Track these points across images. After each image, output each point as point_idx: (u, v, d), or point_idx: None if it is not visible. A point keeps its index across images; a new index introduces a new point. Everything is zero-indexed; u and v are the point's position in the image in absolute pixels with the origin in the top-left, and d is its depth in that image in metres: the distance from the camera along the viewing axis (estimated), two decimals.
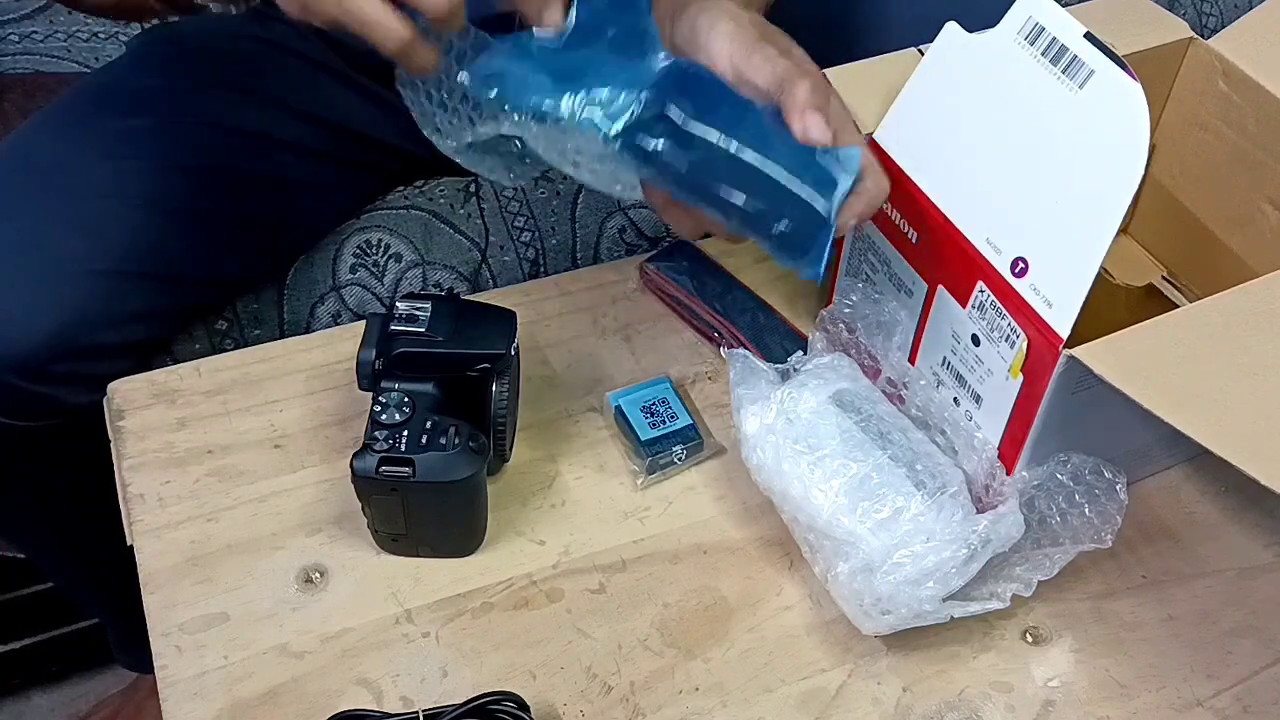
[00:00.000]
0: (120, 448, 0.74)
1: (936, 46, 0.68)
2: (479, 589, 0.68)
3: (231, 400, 0.77)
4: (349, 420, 0.75)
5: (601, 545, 0.70)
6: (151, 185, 0.81)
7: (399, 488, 0.64)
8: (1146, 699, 0.65)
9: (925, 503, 0.65)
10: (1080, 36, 0.61)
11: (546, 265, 0.94)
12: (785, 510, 0.67)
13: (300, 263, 0.91)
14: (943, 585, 0.62)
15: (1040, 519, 0.66)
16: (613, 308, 0.84)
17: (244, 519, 0.71)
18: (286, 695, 0.63)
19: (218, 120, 0.85)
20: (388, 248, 0.91)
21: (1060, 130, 0.62)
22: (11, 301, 0.75)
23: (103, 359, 0.79)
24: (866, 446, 0.68)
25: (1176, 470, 0.75)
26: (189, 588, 0.67)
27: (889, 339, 0.73)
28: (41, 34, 1.12)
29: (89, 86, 0.87)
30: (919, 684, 0.65)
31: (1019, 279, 0.63)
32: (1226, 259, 0.78)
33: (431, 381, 0.67)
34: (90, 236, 0.78)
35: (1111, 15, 0.76)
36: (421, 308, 0.67)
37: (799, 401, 0.69)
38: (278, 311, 0.89)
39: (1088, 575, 0.69)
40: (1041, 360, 0.62)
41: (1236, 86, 0.75)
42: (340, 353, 0.79)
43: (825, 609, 0.68)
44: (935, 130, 0.68)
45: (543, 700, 0.63)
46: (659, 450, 0.73)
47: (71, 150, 0.81)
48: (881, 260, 0.73)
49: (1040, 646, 0.67)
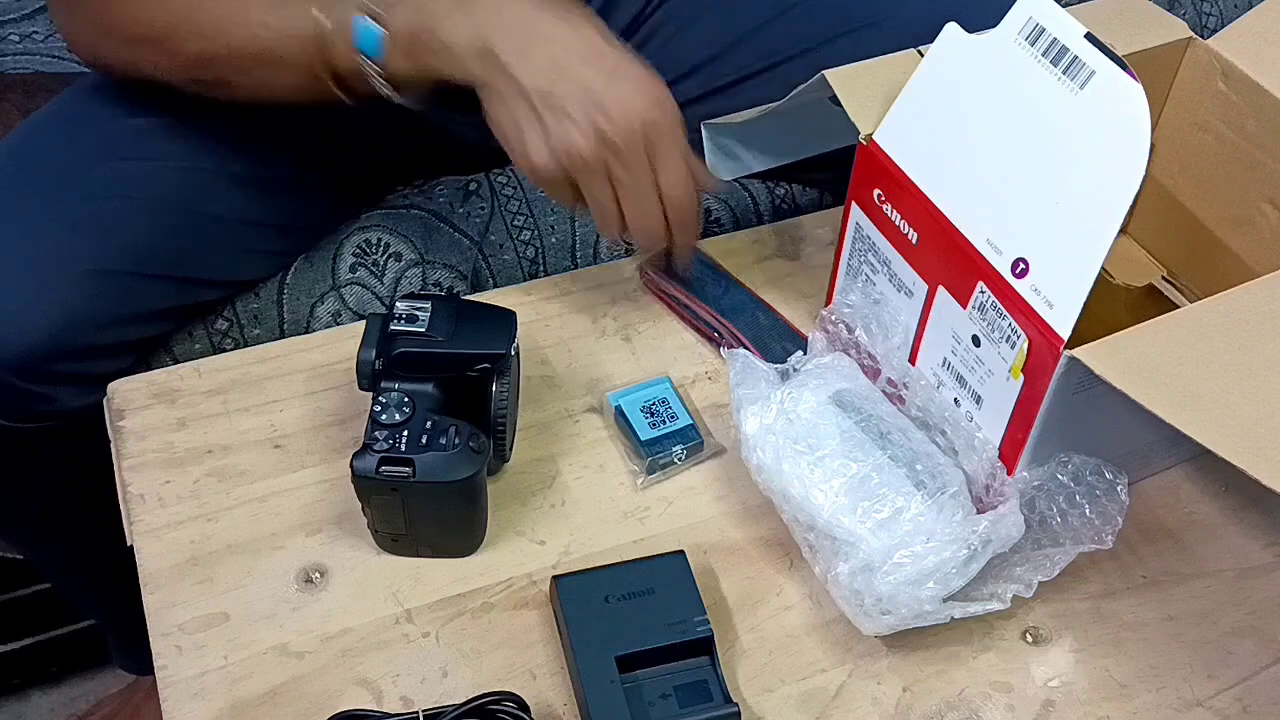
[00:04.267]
0: (120, 448, 0.74)
1: (936, 47, 0.68)
2: (479, 589, 0.68)
3: (231, 400, 0.77)
4: (349, 420, 0.75)
5: (601, 545, 0.70)
6: (151, 185, 0.81)
7: (399, 488, 0.64)
8: (1146, 699, 0.65)
9: (925, 503, 0.65)
10: (1081, 37, 0.61)
11: (546, 265, 0.94)
12: (785, 510, 0.67)
13: (300, 263, 0.91)
14: (943, 585, 0.62)
15: (1041, 519, 0.66)
16: (613, 308, 0.84)
17: (244, 519, 0.71)
18: (286, 695, 0.63)
19: (217, 120, 0.85)
20: (388, 247, 0.91)
21: (1061, 131, 0.62)
22: (11, 301, 0.75)
23: (103, 359, 0.79)
24: (866, 446, 0.68)
25: (1176, 470, 0.75)
26: (189, 588, 0.67)
27: (889, 339, 0.73)
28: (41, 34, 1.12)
29: (89, 86, 0.87)
30: (919, 684, 0.65)
31: (1019, 280, 0.63)
32: (1226, 259, 0.78)
33: (431, 381, 0.67)
34: (90, 236, 0.78)
35: (1111, 15, 0.76)
36: (421, 308, 0.67)
37: (799, 401, 0.69)
38: (278, 311, 0.89)
39: (1088, 575, 0.70)
40: (1042, 361, 0.62)
41: (1236, 86, 0.75)
42: (340, 353, 0.79)
43: (825, 609, 0.68)
44: (936, 131, 0.68)
45: (543, 700, 0.63)
46: (659, 450, 0.73)
47: (71, 150, 0.81)
48: (881, 261, 0.73)
49: (1040, 646, 0.67)
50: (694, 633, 0.63)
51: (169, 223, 0.81)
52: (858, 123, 0.71)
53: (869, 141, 0.71)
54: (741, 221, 0.98)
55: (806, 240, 0.89)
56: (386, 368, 0.66)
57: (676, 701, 0.62)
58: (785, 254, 0.88)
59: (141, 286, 0.80)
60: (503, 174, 0.97)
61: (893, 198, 0.71)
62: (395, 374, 0.66)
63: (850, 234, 0.76)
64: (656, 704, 0.62)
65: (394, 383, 0.66)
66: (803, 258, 0.88)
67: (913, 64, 0.70)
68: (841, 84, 0.71)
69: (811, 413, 0.69)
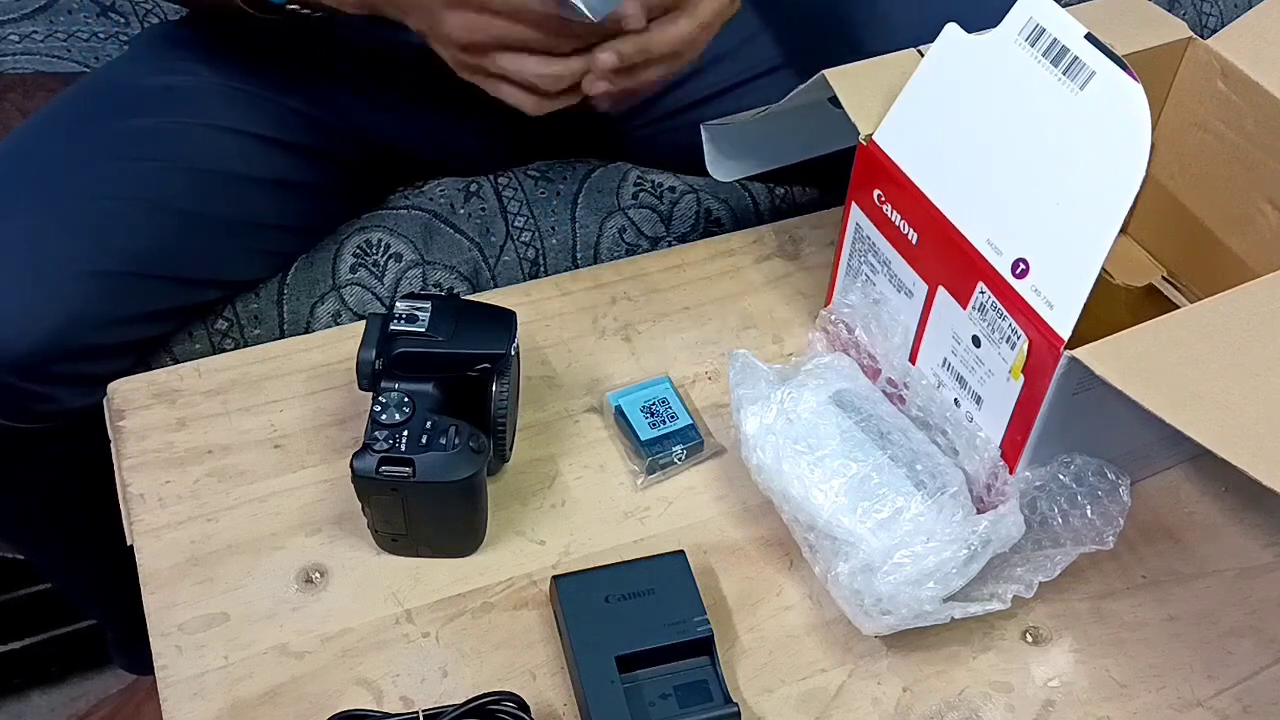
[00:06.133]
0: (120, 448, 0.74)
1: (936, 47, 0.68)
2: (479, 589, 0.68)
3: (231, 400, 0.77)
4: (349, 420, 0.75)
5: (601, 545, 0.70)
6: (151, 185, 0.81)
7: (399, 488, 0.64)
8: (1146, 699, 0.65)
9: (925, 503, 0.65)
10: (1081, 37, 0.61)
11: (546, 265, 0.94)
12: (785, 510, 0.67)
13: (300, 263, 0.91)
14: (943, 585, 0.62)
15: (1042, 520, 0.66)
16: (613, 308, 0.84)
17: (244, 519, 0.71)
18: (286, 695, 0.63)
19: (218, 120, 0.85)
20: (388, 248, 0.91)
21: (1061, 131, 0.62)
22: (11, 301, 0.75)
23: (103, 359, 0.79)
24: (866, 446, 0.68)
25: (1176, 470, 0.75)
26: (189, 588, 0.67)
27: (889, 339, 0.73)
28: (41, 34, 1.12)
29: (89, 86, 0.87)
30: (919, 684, 0.65)
31: (1020, 280, 0.63)
32: (1226, 259, 0.78)
33: (431, 381, 0.67)
34: (90, 236, 0.78)
35: (1111, 15, 0.76)
36: (421, 308, 0.67)
37: (799, 401, 0.69)
38: (278, 311, 0.89)
39: (1088, 575, 0.70)
40: (1042, 361, 0.62)
41: (1235, 86, 0.75)
42: (340, 353, 0.79)
43: (825, 609, 0.68)
44: (936, 131, 0.68)
45: (543, 700, 0.63)
46: (659, 450, 0.73)
47: (71, 150, 0.81)
48: (882, 261, 0.73)
49: (1040, 646, 0.67)
50: (694, 633, 0.63)
51: (169, 223, 0.81)
52: (858, 123, 0.71)
53: (869, 141, 0.71)
54: (741, 221, 0.98)
55: (806, 240, 0.89)
56: (386, 368, 0.66)
57: (676, 701, 0.62)
58: (785, 254, 0.88)
59: (141, 286, 0.80)
60: (503, 175, 0.97)
61: (893, 198, 0.71)
62: (395, 374, 0.66)
63: (850, 234, 0.76)
64: (656, 704, 0.62)
65: (394, 383, 0.66)
66: (803, 258, 0.88)
67: (913, 64, 0.70)
68: (841, 84, 0.71)
69: (811, 413, 0.69)
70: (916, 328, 0.72)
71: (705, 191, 0.97)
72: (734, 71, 0.92)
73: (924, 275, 0.70)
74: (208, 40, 0.90)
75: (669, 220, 0.96)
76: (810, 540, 0.66)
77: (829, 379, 0.71)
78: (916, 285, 0.71)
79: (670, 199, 0.97)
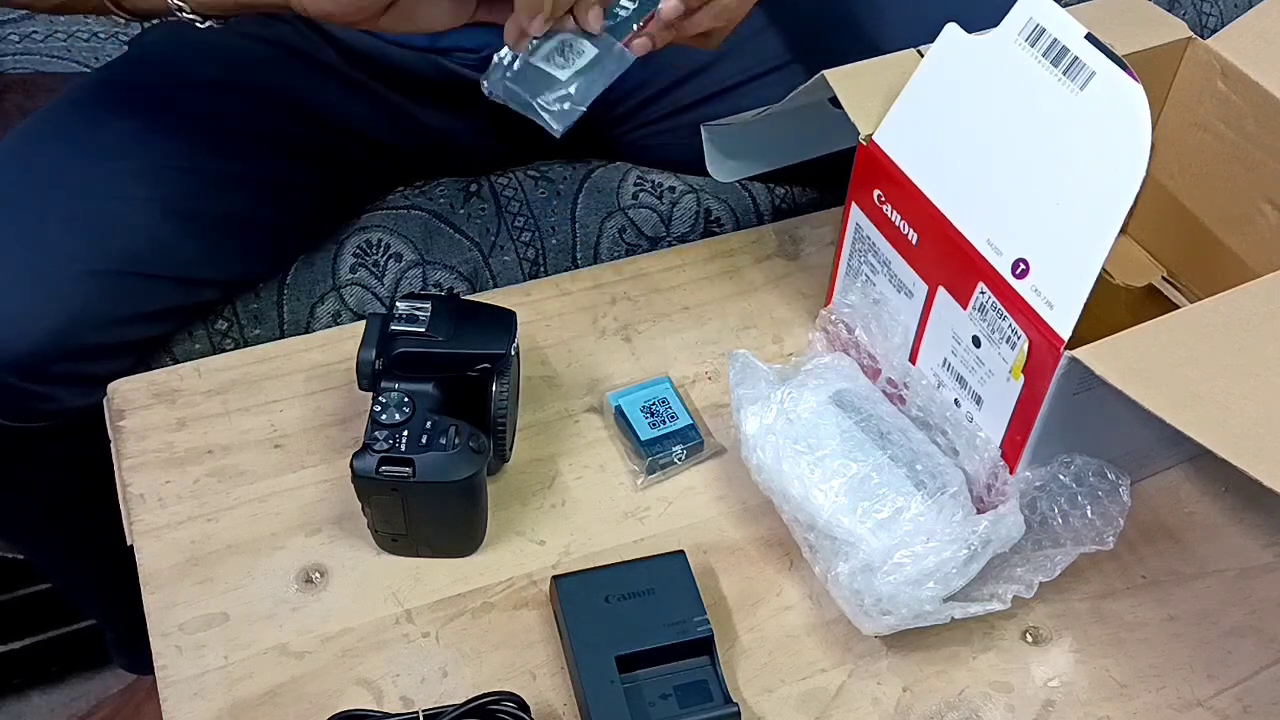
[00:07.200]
0: (120, 448, 0.74)
1: (936, 47, 0.68)
2: (479, 589, 0.68)
3: (231, 400, 0.77)
4: (349, 420, 0.75)
5: (601, 545, 0.70)
6: (151, 185, 0.81)
7: (399, 488, 0.64)
8: (1146, 699, 0.65)
9: (925, 503, 0.65)
10: (1081, 38, 0.61)
11: (546, 265, 0.94)
12: (785, 510, 0.67)
13: (300, 263, 0.91)
14: (943, 586, 0.62)
15: (1042, 520, 0.66)
16: (613, 308, 0.84)
17: (244, 519, 0.71)
18: (286, 695, 0.63)
19: (217, 121, 0.85)
20: (388, 248, 0.91)
21: (1061, 131, 0.62)
22: (11, 301, 0.75)
23: (103, 359, 0.79)
24: (866, 446, 0.68)
25: (1176, 470, 0.75)
26: (189, 588, 0.67)
27: (889, 339, 0.73)
28: (41, 34, 1.12)
29: (89, 86, 0.87)
30: (919, 684, 0.65)
31: (1020, 280, 0.63)
32: (1226, 259, 0.78)
33: (431, 381, 0.67)
34: (90, 236, 0.78)
35: (1111, 15, 0.76)
36: (421, 308, 0.67)
37: (799, 401, 0.69)
38: (278, 311, 0.89)
39: (1088, 575, 0.70)
40: (1043, 361, 0.62)
41: (1235, 86, 0.75)
42: (340, 353, 0.79)
43: (825, 609, 0.68)
44: (936, 131, 0.68)
45: (543, 700, 0.63)
46: (659, 450, 0.73)
47: (71, 150, 0.81)
48: (882, 261, 0.73)
49: (1040, 646, 0.67)
50: (694, 633, 0.63)
51: (169, 223, 0.81)
52: (858, 123, 0.71)
53: (869, 142, 0.71)
54: (741, 221, 0.98)
55: (806, 240, 0.89)
56: (386, 368, 0.66)
57: (676, 701, 0.62)
58: (785, 254, 0.88)
59: (141, 286, 0.80)
60: (503, 175, 0.97)
61: (893, 198, 0.71)
62: (395, 374, 0.66)
63: (850, 234, 0.76)
64: (656, 704, 0.62)
65: (394, 383, 0.66)
66: (803, 258, 0.88)
67: (913, 64, 0.70)
68: (841, 84, 0.71)
69: (811, 413, 0.69)
70: (916, 328, 0.72)
71: (705, 191, 0.97)
72: (734, 71, 0.93)
73: (924, 275, 0.70)
74: (207, 40, 0.90)
75: (669, 220, 0.96)
76: (810, 540, 0.66)
77: (829, 379, 0.71)
78: (916, 285, 0.71)
79: (670, 199, 0.97)
